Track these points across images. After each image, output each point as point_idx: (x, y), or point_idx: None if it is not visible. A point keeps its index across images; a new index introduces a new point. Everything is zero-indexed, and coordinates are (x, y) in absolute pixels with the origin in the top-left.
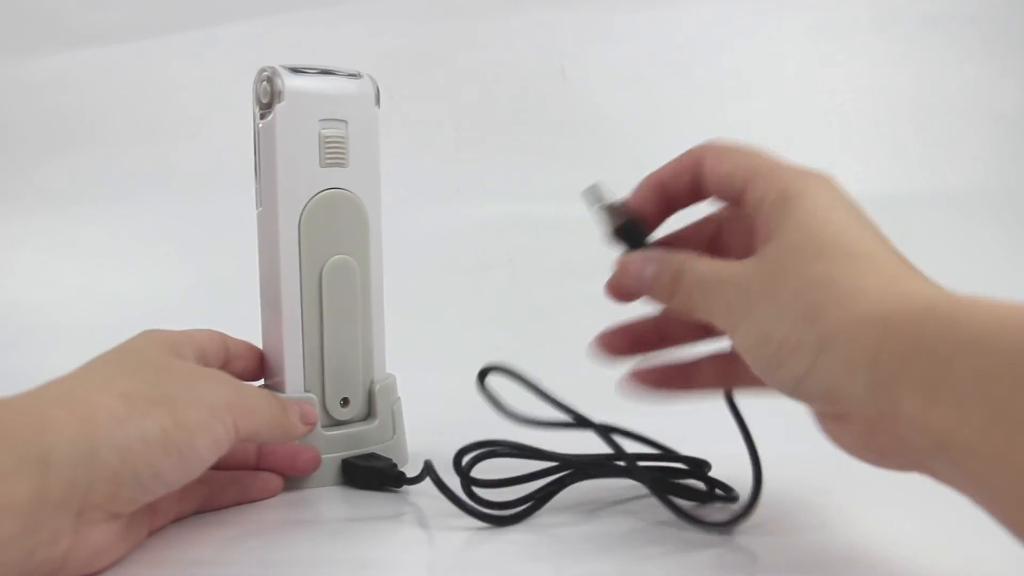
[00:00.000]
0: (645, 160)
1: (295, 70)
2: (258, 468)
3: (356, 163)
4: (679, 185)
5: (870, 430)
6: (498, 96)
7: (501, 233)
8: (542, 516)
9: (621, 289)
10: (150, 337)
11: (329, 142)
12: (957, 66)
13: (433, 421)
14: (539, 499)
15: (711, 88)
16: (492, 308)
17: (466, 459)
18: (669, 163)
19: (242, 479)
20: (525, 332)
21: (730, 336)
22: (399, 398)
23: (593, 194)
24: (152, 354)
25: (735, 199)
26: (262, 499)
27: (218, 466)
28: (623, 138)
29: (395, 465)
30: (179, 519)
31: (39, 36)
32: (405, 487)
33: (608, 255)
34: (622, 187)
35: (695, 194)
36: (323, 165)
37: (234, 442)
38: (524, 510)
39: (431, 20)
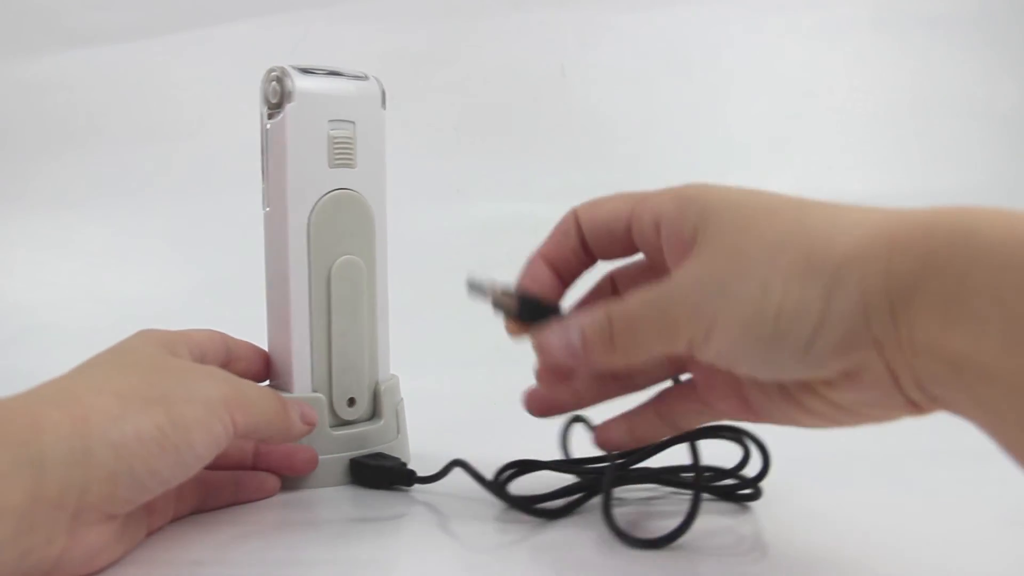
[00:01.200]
0: (645, 160)
1: (305, 70)
2: (255, 468)
3: (363, 164)
4: (564, 252)
5: (889, 375)
6: (498, 96)
7: (501, 233)
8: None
9: (551, 375)
10: (145, 336)
11: (338, 143)
12: (957, 66)
13: (432, 421)
14: (587, 493)
15: (711, 88)
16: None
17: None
18: (547, 237)
19: (239, 479)
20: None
21: (701, 347)
22: (402, 398)
23: (477, 285)
24: (147, 353)
25: (621, 242)
26: (259, 499)
27: (215, 466)
28: (623, 138)
29: (404, 464)
30: (177, 519)
31: (39, 36)
32: (416, 486)
33: None
34: (622, 187)
35: (582, 259)
36: (332, 166)
37: (232, 438)
38: (572, 502)
39: (431, 20)
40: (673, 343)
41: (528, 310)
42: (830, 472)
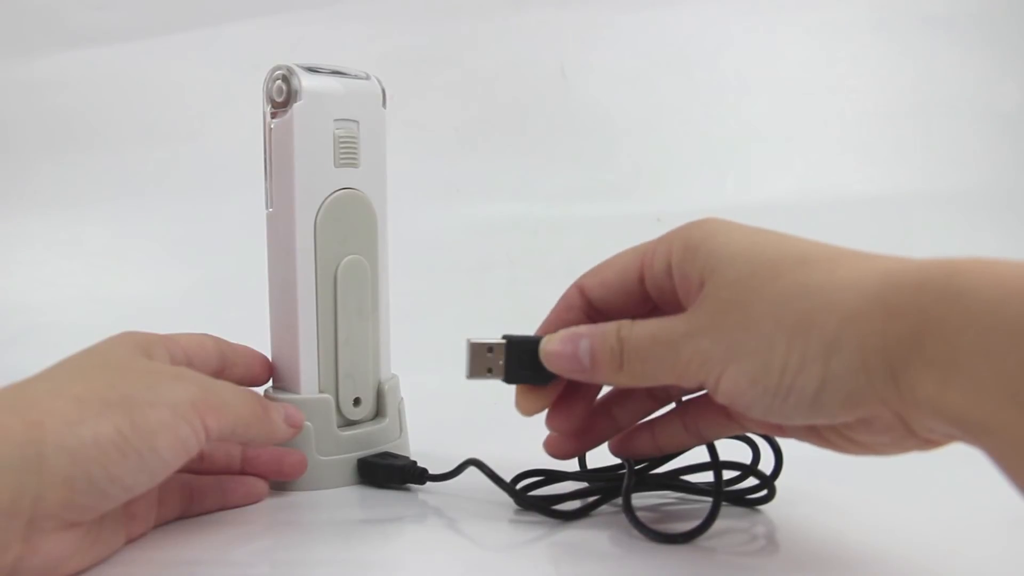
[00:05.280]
0: (645, 160)
1: (310, 69)
2: (243, 473)
3: (366, 163)
4: (569, 324)
5: (900, 422)
6: (498, 96)
7: (501, 233)
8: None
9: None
10: (121, 338)
11: (343, 142)
12: (957, 66)
13: (431, 421)
14: (602, 495)
15: (711, 88)
16: (492, 308)
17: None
18: (549, 313)
19: (225, 484)
20: (525, 332)
21: (712, 391)
22: (402, 398)
23: (475, 346)
24: (117, 355)
25: (636, 296)
26: (246, 504)
27: (200, 470)
28: (623, 138)
29: (415, 462)
30: (160, 525)
31: (39, 36)
32: (425, 485)
33: (610, 250)
34: (622, 187)
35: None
36: (337, 165)
37: (204, 442)
38: (589, 504)
39: (431, 20)
40: (683, 381)
41: (519, 340)
42: (834, 472)
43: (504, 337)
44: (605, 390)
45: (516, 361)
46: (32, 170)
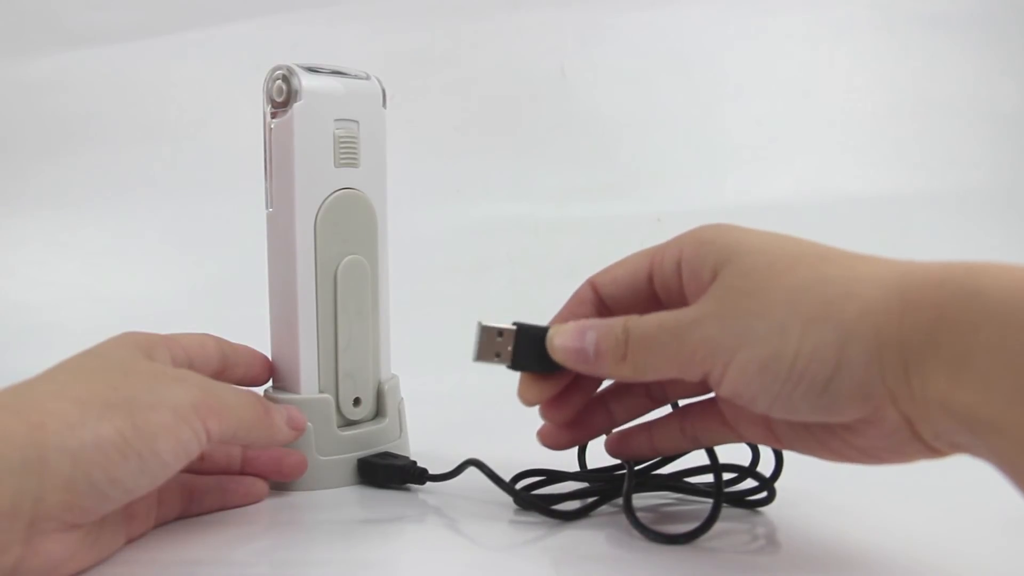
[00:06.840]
0: (645, 160)
1: (310, 69)
2: (243, 473)
3: (366, 163)
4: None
5: (906, 424)
6: (498, 96)
7: (501, 233)
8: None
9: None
10: (123, 339)
11: (343, 142)
12: (957, 66)
13: (431, 421)
14: (602, 496)
15: (711, 88)
16: (492, 308)
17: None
18: (562, 308)
19: (225, 484)
20: None
21: (717, 381)
22: (402, 398)
23: (486, 329)
24: (118, 356)
25: (644, 296)
26: (246, 504)
27: (201, 471)
28: (623, 138)
29: (415, 462)
30: (160, 525)
31: (39, 36)
32: (425, 486)
33: (610, 250)
34: (622, 187)
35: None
36: (337, 165)
37: (204, 445)
38: (588, 504)
39: (431, 20)
40: (688, 372)
41: (527, 328)
42: (834, 473)
43: (514, 323)
44: (606, 384)
45: (524, 348)
46: (32, 170)
